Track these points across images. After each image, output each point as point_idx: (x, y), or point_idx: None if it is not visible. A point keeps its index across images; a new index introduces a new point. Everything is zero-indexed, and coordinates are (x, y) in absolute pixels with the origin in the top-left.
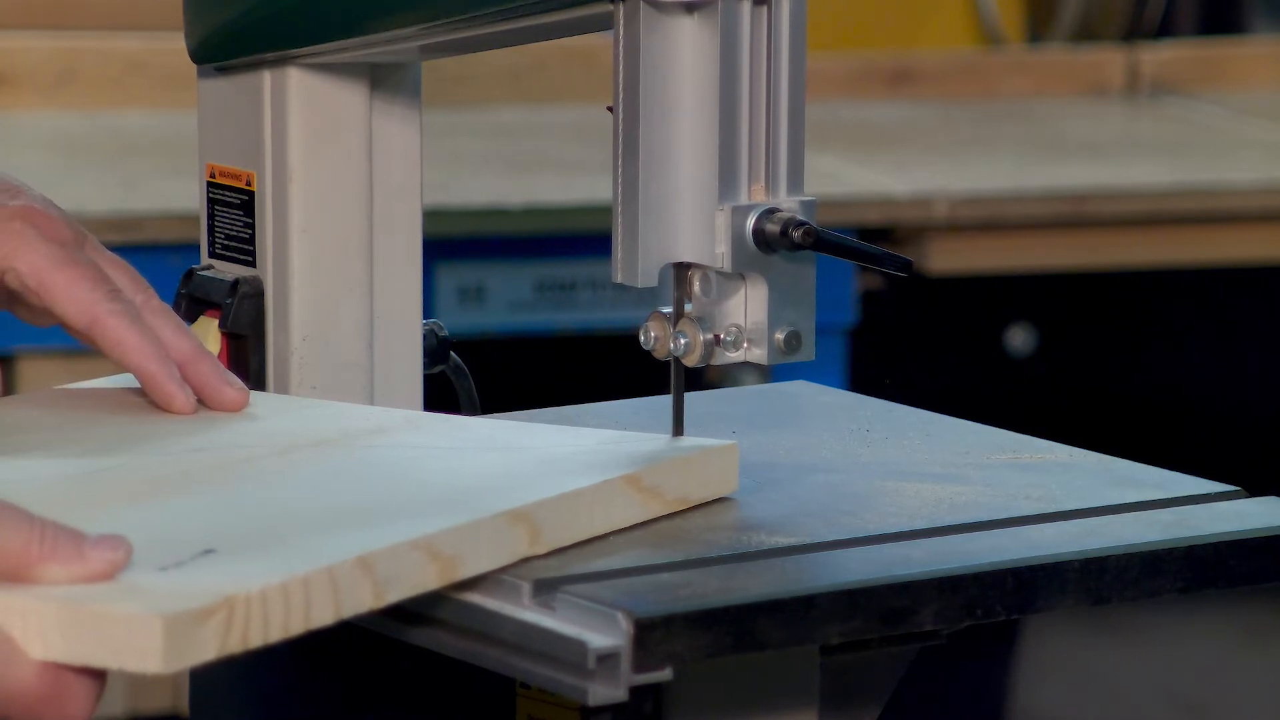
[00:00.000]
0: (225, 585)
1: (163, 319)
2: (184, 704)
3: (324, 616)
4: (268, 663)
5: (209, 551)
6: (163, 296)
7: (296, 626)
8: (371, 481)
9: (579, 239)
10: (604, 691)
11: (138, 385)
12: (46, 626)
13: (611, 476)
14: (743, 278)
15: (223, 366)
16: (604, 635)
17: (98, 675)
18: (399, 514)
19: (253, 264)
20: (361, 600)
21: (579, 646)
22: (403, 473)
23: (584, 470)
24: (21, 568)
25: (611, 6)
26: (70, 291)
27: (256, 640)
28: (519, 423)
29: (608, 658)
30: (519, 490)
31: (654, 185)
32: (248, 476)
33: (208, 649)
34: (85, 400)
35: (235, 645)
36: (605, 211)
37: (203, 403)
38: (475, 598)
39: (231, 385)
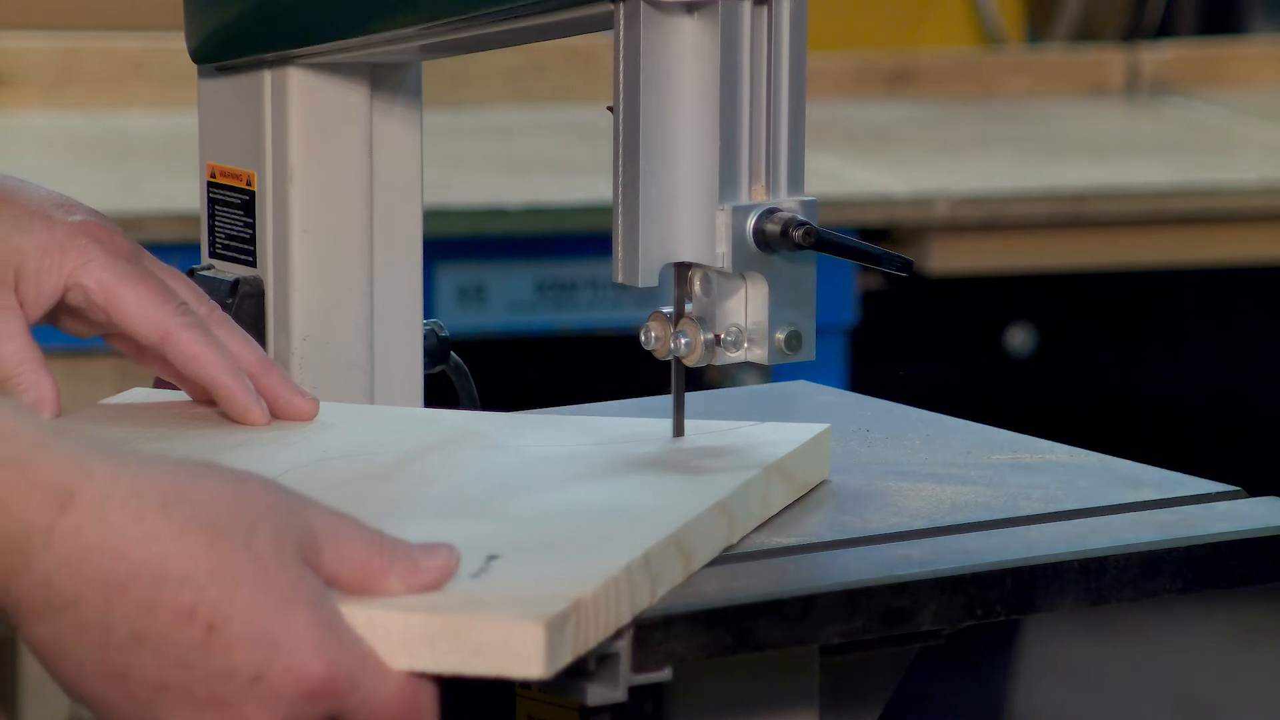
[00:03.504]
0: (569, 586)
1: (229, 330)
2: None
3: (640, 603)
4: None
5: (494, 556)
6: None
7: (624, 618)
8: (551, 476)
9: (579, 239)
10: (603, 692)
11: (168, 399)
12: (412, 639)
13: (768, 464)
14: (743, 278)
15: (289, 376)
16: None
17: (439, 686)
18: (623, 507)
19: (253, 264)
20: (673, 579)
21: None
22: (562, 470)
23: (733, 460)
24: (367, 580)
25: (611, 6)
26: (140, 307)
27: (593, 640)
28: (592, 416)
29: (607, 658)
30: (713, 480)
31: (654, 185)
32: (419, 481)
33: (567, 652)
34: (148, 415)
35: (581, 647)
36: (605, 211)
37: (274, 414)
38: None
39: (303, 395)
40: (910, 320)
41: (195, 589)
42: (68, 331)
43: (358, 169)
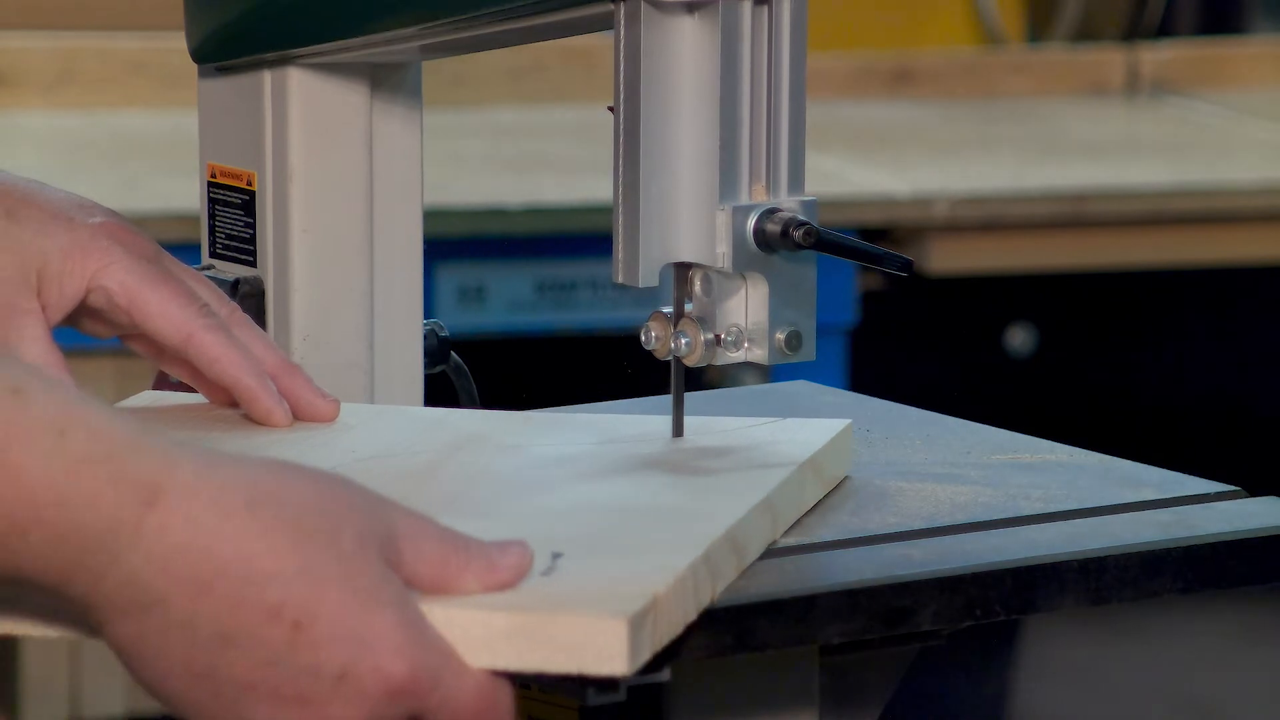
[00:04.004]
0: (644, 584)
1: (250, 332)
2: None
3: (703, 600)
4: None
5: (559, 554)
6: None
7: (690, 615)
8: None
9: (579, 239)
10: (603, 692)
11: (179, 401)
12: (493, 637)
13: (803, 461)
14: (743, 278)
15: (310, 378)
16: None
17: (513, 683)
18: (678, 505)
19: (253, 264)
20: (729, 576)
21: None
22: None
23: (768, 457)
24: (445, 579)
25: (611, 6)
26: (164, 309)
27: (665, 636)
28: (604, 414)
29: None
30: (755, 478)
31: (654, 185)
32: (459, 480)
33: (645, 649)
34: (170, 418)
35: (656, 643)
36: (605, 211)
37: (296, 415)
38: None
39: (324, 397)
40: (910, 320)
41: (282, 587)
42: (87, 333)
43: (358, 169)
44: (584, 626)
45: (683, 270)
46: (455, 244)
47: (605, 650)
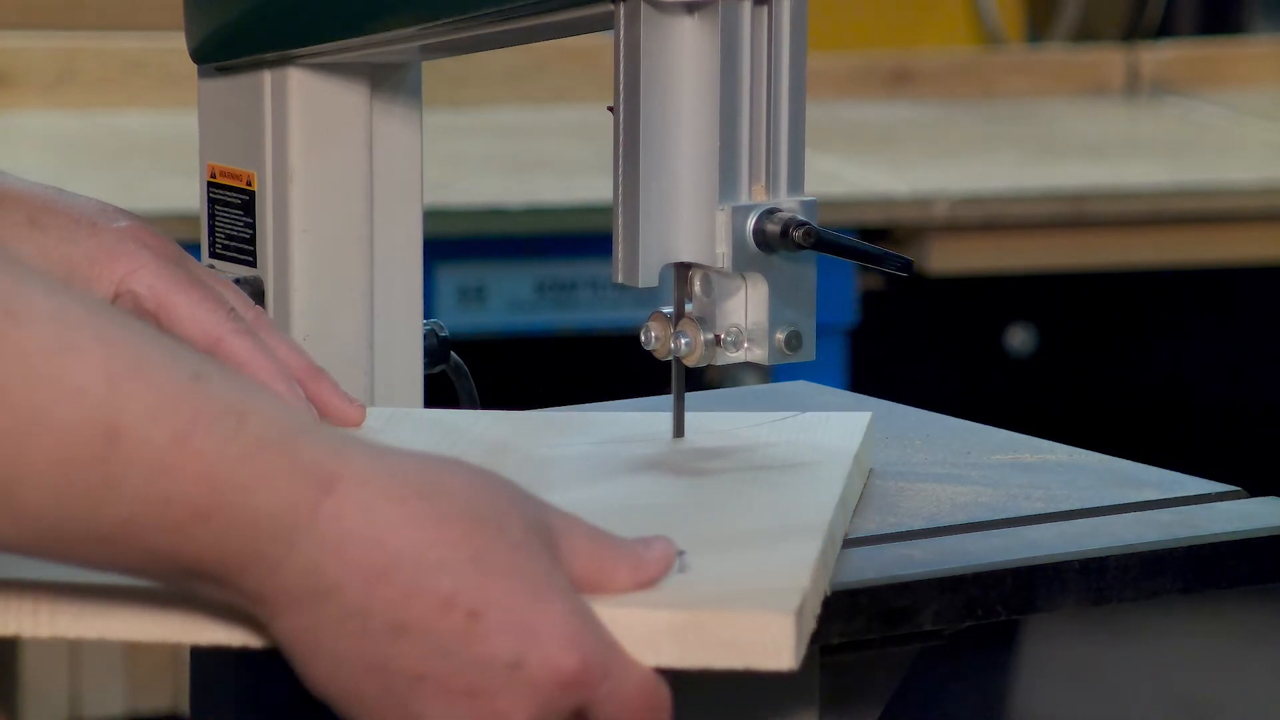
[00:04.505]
0: (787, 578)
1: (276, 336)
2: (184, 704)
3: (822, 592)
4: (266, 661)
5: (682, 552)
6: None
7: (818, 608)
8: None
9: (579, 239)
10: None
11: None
12: (658, 634)
13: (853, 454)
14: (743, 278)
15: (337, 382)
16: None
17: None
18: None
19: (253, 264)
20: (831, 568)
21: None
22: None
23: (821, 453)
24: (599, 576)
25: (611, 6)
26: (193, 313)
27: (807, 630)
28: (646, 412)
29: None
30: (821, 472)
31: (654, 185)
32: (523, 480)
33: (803, 643)
34: None
35: (806, 636)
36: (605, 211)
37: (322, 419)
38: None
39: (350, 402)
40: (910, 320)
41: (455, 576)
42: None
43: (358, 169)
44: (751, 622)
45: (683, 270)
46: (455, 244)
47: (772, 645)
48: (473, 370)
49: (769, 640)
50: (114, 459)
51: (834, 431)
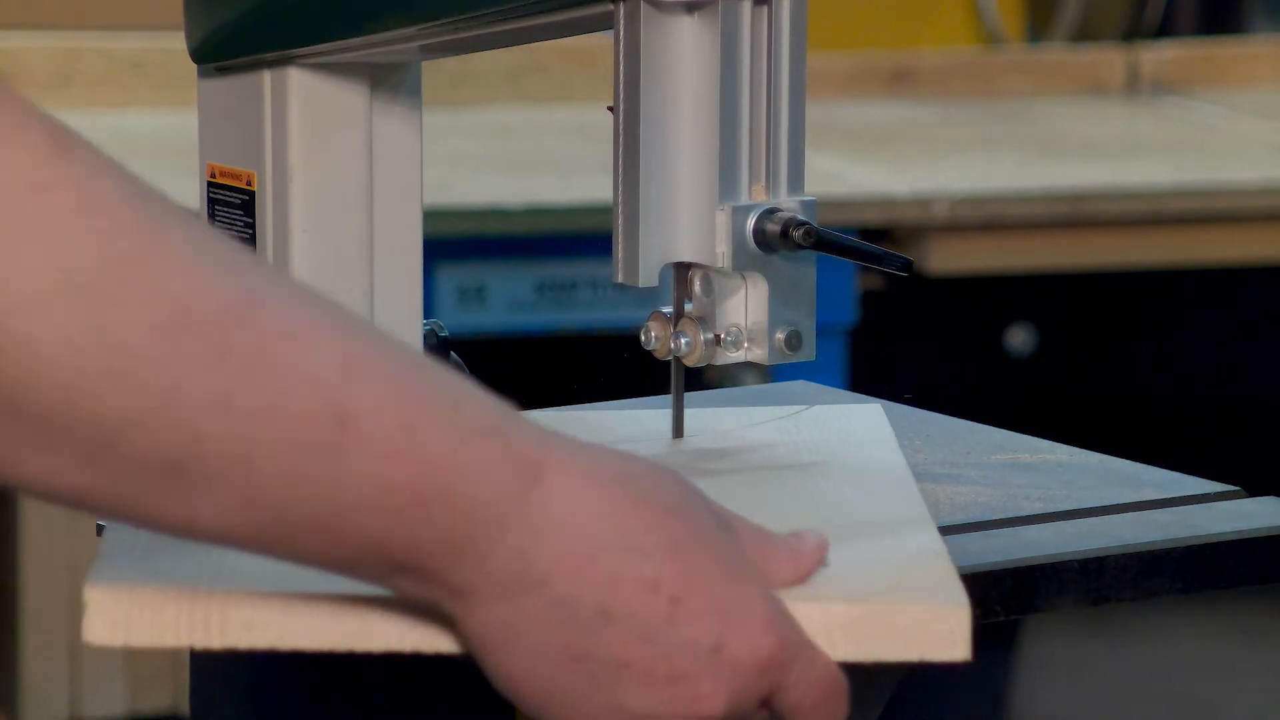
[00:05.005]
0: (937, 570)
1: None
2: (184, 704)
3: None
4: (267, 660)
5: None
6: None
7: None
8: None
9: (579, 239)
10: None
11: None
12: (833, 627)
13: (895, 443)
14: (743, 278)
15: None
16: None
17: None
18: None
19: None
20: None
21: None
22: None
23: (873, 448)
24: (763, 568)
25: (611, 6)
26: None
27: None
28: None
29: None
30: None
31: (654, 185)
32: None
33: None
34: None
35: None
36: (605, 211)
37: None
38: None
39: None
40: (910, 320)
41: (657, 561)
42: None
43: (358, 169)
44: (929, 614)
45: (682, 270)
46: (455, 244)
47: (948, 637)
48: (473, 370)
49: (945, 632)
50: (345, 444)
51: (857, 420)
